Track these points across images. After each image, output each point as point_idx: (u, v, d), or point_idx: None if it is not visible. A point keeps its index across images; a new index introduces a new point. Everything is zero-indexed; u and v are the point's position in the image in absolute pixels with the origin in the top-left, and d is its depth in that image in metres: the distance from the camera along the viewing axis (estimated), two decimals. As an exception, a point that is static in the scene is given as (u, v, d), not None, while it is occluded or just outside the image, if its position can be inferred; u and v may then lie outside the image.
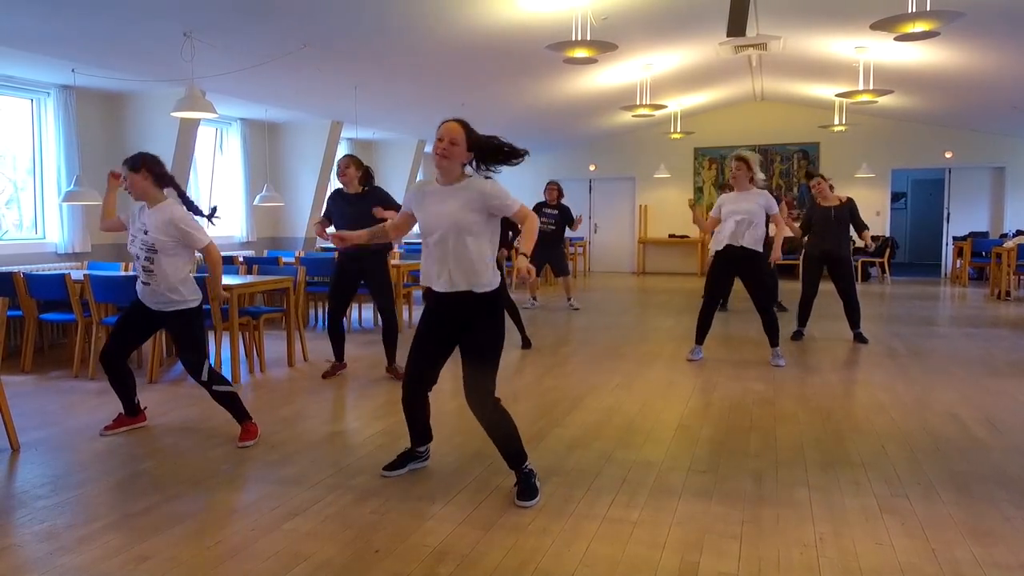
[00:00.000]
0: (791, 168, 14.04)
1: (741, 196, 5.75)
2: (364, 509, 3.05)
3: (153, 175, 3.84)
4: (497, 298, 3.12)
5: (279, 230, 10.22)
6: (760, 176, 5.79)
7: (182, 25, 5.78)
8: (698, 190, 14.60)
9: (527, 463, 3.20)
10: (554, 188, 9.05)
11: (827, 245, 6.80)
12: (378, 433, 4.10)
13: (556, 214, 8.92)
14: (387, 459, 3.60)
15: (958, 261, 12.74)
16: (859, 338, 6.83)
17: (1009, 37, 7.37)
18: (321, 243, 10.63)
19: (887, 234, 13.50)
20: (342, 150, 11.54)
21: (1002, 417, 4.35)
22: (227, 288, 5.25)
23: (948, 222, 13.65)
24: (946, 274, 13.60)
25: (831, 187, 6.98)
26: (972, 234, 12.98)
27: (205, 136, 9.37)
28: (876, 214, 13.30)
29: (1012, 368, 5.72)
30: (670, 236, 14.73)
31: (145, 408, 4.29)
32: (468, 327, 3.09)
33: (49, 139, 7.10)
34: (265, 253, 9.19)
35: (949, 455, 3.69)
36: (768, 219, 5.91)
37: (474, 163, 3.11)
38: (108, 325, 5.70)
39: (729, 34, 6.42)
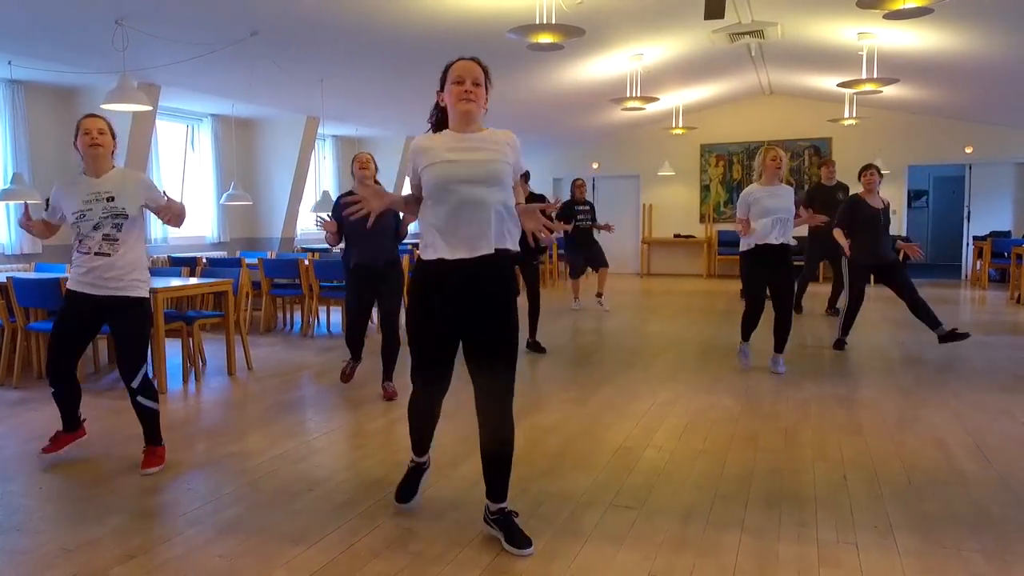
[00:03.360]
0: (802, 165, 13.41)
1: (775, 191, 5.30)
2: (214, 551, 2.62)
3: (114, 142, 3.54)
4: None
5: (255, 231, 9.87)
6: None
7: (114, 12, 5.43)
8: (704, 188, 14.03)
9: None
10: (582, 184, 8.86)
11: (882, 252, 6.27)
12: (277, 456, 3.67)
13: (588, 209, 8.75)
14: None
15: (978, 262, 12.02)
16: (953, 336, 6.09)
17: None
18: (300, 244, 10.27)
19: (904, 234, 12.81)
20: (322, 147, 11.19)
21: (995, 443, 3.80)
22: (154, 292, 4.86)
23: (968, 221, 12.93)
24: (966, 276, 12.88)
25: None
26: (993, 234, 12.25)
27: (176, 133, 9.07)
28: (892, 213, 12.60)
29: (1019, 383, 5.13)
30: (675, 236, 14.18)
31: (84, 420, 3.75)
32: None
33: (-5, 135, 6.81)
34: (238, 254, 8.85)
35: (921, 490, 3.17)
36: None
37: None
38: (35, 331, 5.37)
39: (707, 16, 5.91)
